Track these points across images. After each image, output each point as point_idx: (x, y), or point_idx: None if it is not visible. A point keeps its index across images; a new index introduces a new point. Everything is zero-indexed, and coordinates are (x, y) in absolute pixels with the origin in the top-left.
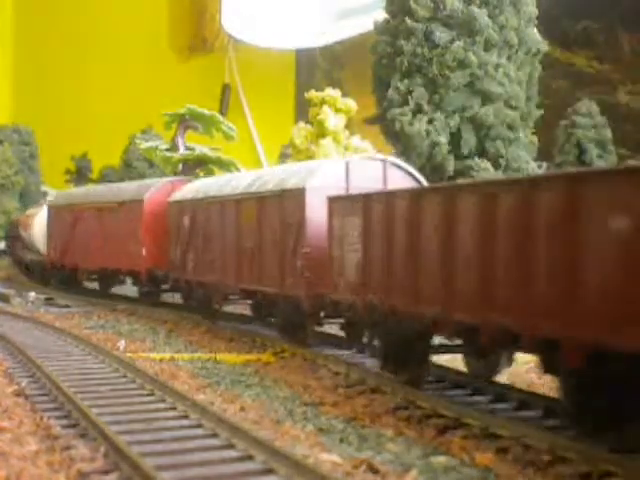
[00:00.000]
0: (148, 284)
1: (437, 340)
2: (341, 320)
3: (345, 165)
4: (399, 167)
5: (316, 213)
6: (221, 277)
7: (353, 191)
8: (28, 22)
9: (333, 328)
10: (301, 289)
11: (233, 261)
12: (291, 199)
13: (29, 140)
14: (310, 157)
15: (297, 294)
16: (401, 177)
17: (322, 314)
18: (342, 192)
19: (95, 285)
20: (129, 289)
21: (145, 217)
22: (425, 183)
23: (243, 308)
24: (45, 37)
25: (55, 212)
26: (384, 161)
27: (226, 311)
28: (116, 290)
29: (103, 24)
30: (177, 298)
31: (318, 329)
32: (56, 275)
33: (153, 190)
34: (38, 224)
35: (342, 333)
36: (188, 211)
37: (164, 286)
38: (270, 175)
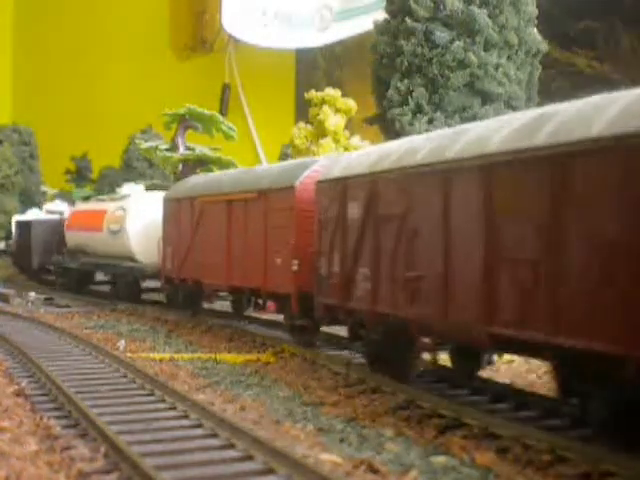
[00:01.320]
0: (301, 314)
1: None
2: None
3: None
4: None
5: None
6: (436, 310)
7: None
8: (28, 22)
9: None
10: None
11: (476, 280)
12: None
13: (29, 140)
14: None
15: None
16: None
17: None
18: None
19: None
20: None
21: (297, 213)
22: None
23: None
24: (45, 37)
25: (173, 207)
26: None
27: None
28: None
29: (103, 24)
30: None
31: None
32: (180, 292)
33: (310, 172)
34: (131, 224)
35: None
36: (359, 194)
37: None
38: (569, 111)
